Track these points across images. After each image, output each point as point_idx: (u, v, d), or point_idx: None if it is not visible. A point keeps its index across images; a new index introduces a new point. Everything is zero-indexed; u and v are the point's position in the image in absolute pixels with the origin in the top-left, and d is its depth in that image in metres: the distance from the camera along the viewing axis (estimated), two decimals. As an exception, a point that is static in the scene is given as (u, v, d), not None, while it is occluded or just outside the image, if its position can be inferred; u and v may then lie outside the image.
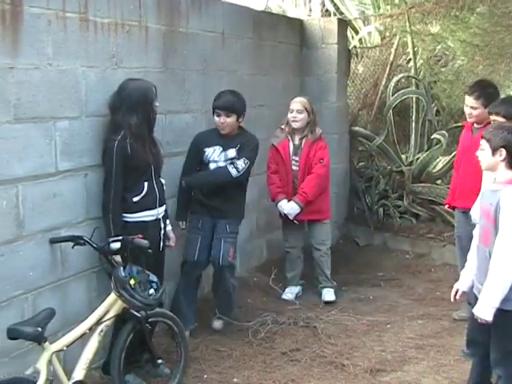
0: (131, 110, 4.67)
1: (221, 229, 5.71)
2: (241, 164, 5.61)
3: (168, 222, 5.14)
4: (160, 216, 4.95)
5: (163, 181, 5.04)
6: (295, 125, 6.54)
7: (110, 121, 4.78)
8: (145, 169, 4.80)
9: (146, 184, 4.80)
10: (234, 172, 5.59)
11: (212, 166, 5.67)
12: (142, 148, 4.71)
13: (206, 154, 5.66)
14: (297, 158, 6.59)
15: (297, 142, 6.61)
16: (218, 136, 5.70)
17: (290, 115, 6.57)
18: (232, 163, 5.62)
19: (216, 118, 5.64)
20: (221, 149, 5.63)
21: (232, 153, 5.66)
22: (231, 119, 5.61)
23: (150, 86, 4.85)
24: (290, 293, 6.81)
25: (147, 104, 4.76)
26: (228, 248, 5.69)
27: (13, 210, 4.15)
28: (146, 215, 4.83)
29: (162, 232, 5.00)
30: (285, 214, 6.61)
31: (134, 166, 4.69)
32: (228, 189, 5.69)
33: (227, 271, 5.74)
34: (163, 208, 5.00)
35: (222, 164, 5.65)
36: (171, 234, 5.20)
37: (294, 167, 6.61)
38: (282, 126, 6.69)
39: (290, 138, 6.63)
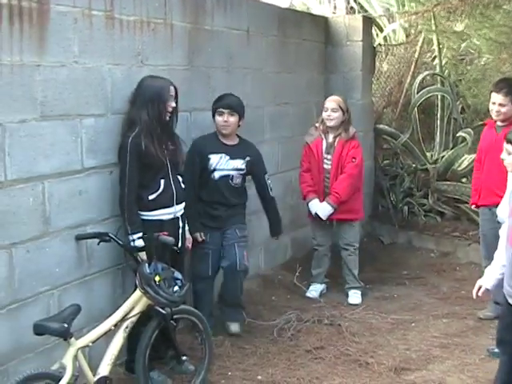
0: (143, 106, 4.67)
1: (231, 235, 5.68)
2: (269, 183, 5.88)
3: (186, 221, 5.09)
4: (178, 214, 4.92)
5: (181, 178, 5.00)
6: (329, 123, 6.52)
7: (127, 116, 4.77)
8: (160, 166, 4.75)
9: (162, 181, 4.76)
10: (271, 193, 5.91)
11: (217, 174, 5.58)
12: (155, 145, 4.67)
13: (211, 161, 5.57)
14: (329, 157, 6.57)
15: (330, 140, 6.59)
16: (220, 143, 5.63)
17: (324, 113, 6.54)
18: (266, 186, 5.85)
19: (218, 118, 5.58)
20: (227, 157, 5.58)
21: (239, 164, 5.65)
22: (234, 119, 5.57)
23: (165, 84, 4.81)
24: (315, 290, 6.80)
25: (160, 102, 4.71)
26: (242, 252, 5.68)
27: (39, 206, 4.19)
28: (163, 213, 4.79)
29: (181, 231, 4.96)
30: (316, 214, 6.59)
31: (148, 163, 4.66)
32: (237, 202, 5.74)
33: (243, 276, 5.75)
34: (181, 206, 4.95)
35: (226, 173, 5.58)
36: (187, 235, 5.16)
37: (325, 165, 6.58)
38: (317, 124, 6.68)
39: (323, 136, 6.61)
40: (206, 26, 5.83)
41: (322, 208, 6.54)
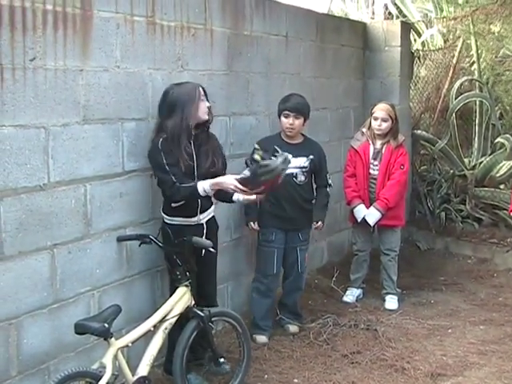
0: (168, 113, 4.54)
1: (294, 238, 5.78)
2: (330, 182, 5.94)
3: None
4: (202, 221, 4.76)
5: None
6: (379, 132, 6.53)
7: (156, 123, 4.69)
8: (188, 174, 4.55)
9: None
10: (329, 190, 5.95)
11: None
12: (183, 153, 4.50)
13: None
14: (376, 163, 6.56)
15: (378, 146, 6.57)
16: (284, 142, 5.66)
17: (374, 123, 6.52)
18: (326, 183, 5.91)
19: (284, 120, 5.62)
20: (290, 156, 5.58)
21: (302, 162, 5.68)
22: (299, 121, 5.61)
23: (192, 87, 4.64)
24: (352, 295, 6.80)
25: (190, 107, 4.53)
26: (304, 255, 5.87)
27: (81, 208, 4.26)
28: (186, 222, 4.67)
29: (205, 236, 4.74)
30: (363, 219, 6.58)
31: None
32: (302, 200, 5.77)
33: (304, 276, 6.00)
34: (206, 214, 4.77)
35: (289, 171, 5.36)
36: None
37: (371, 171, 6.58)
38: (364, 130, 6.67)
39: (371, 141, 6.60)
40: (245, 32, 5.87)
41: (370, 214, 6.53)
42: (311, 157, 5.73)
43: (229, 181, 4.46)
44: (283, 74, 6.50)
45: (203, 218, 4.76)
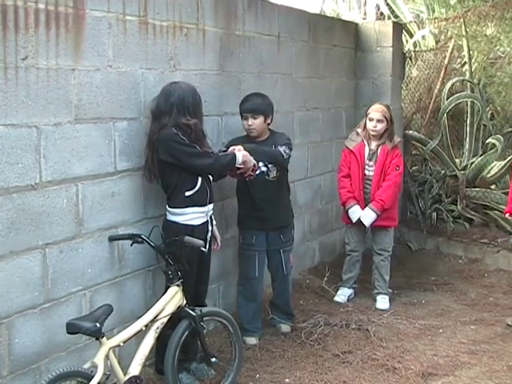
0: (184, 111, 4.63)
1: (276, 240, 5.74)
2: (283, 150, 5.51)
3: (214, 222, 5.08)
4: (209, 214, 4.90)
5: (211, 177, 4.97)
6: (374, 133, 6.53)
7: (153, 126, 4.69)
8: None
9: (199, 180, 4.73)
10: (284, 154, 5.51)
11: None
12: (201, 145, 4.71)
13: None
14: (371, 164, 6.55)
15: (373, 147, 6.57)
16: (251, 142, 5.55)
17: (369, 123, 6.51)
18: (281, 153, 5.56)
19: (244, 122, 5.57)
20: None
21: None
22: (258, 121, 5.51)
23: (194, 87, 4.82)
24: (343, 295, 6.80)
25: (198, 105, 4.77)
26: (288, 257, 5.83)
27: (73, 208, 4.26)
28: (196, 212, 4.74)
29: (209, 234, 4.94)
30: (358, 220, 6.58)
31: None
32: (277, 196, 5.70)
33: (290, 278, 5.94)
34: (212, 205, 4.92)
35: (261, 169, 5.52)
36: (216, 233, 5.14)
37: (367, 172, 6.58)
38: (358, 130, 6.66)
39: (366, 142, 6.59)
40: (238, 32, 5.88)
41: (366, 215, 6.54)
42: (273, 145, 5.58)
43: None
44: (275, 74, 6.51)
45: (210, 208, 4.89)
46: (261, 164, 5.48)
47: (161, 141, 4.59)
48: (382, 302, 6.70)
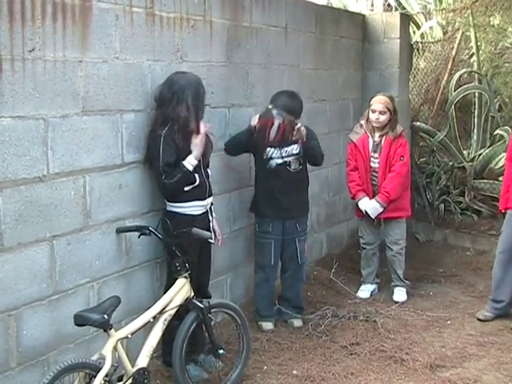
0: (182, 102, 4.62)
1: (292, 229, 5.76)
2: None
3: (214, 215, 5.07)
4: (208, 207, 4.90)
5: (209, 171, 4.98)
6: (377, 124, 6.47)
7: (156, 114, 4.74)
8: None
9: (197, 175, 4.72)
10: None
11: (272, 162, 5.61)
12: (189, 140, 4.68)
13: (268, 150, 5.60)
14: (376, 155, 6.50)
15: (377, 138, 6.51)
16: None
17: (372, 115, 6.45)
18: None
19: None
20: (280, 147, 5.61)
21: (294, 148, 5.63)
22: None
23: (199, 78, 4.82)
24: (366, 290, 6.76)
25: (202, 96, 4.77)
26: (303, 246, 5.85)
27: (80, 200, 4.26)
28: (195, 205, 4.76)
29: (211, 224, 4.95)
30: (365, 212, 6.56)
31: (183, 158, 4.64)
32: (297, 188, 5.73)
33: (304, 268, 5.98)
34: (211, 199, 4.94)
35: (282, 160, 5.60)
36: (216, 227, 5.10)
37: (372, 164, 6.53)
38: (362, 122, 6.60)
39: (369, 134, 6.53)
40: (245, 23, 5.86)
41: (371, 207, 6.49)
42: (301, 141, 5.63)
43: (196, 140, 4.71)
44: (282, 65, 6.49)
45: (209, 202, 4.91)
46: (286, 157, 5.56)
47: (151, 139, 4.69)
48: (399, 294, 6.66)
